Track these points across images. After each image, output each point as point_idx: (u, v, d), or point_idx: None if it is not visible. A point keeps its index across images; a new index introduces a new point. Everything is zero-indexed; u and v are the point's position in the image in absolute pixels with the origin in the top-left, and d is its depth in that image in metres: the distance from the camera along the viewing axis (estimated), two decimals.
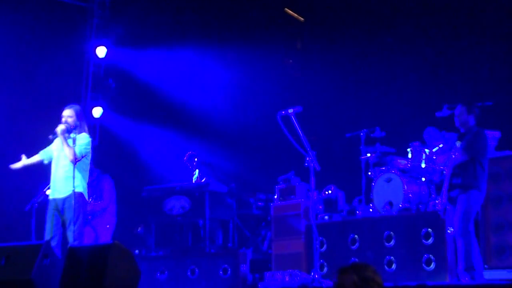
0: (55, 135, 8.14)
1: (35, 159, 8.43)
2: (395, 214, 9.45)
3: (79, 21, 12.91)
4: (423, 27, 11.93)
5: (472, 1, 11.19)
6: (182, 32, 13.40)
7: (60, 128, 8.10)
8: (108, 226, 10.11)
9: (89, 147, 8.26)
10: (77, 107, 8.47)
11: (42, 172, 8.59)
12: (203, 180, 11.44)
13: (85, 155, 8.17)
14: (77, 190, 7.96)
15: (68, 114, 8.26)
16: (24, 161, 8.42)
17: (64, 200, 8.02)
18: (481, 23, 11.09)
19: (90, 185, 8.44)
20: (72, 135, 8.12)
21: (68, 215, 7.95)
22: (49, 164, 8.37)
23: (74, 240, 7.83)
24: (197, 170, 11.72)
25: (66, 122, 8.20)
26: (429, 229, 8.76)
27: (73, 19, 12.75)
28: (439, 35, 11.74)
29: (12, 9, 11.86)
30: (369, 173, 10.09)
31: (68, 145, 8.05)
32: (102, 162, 10.55)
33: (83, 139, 8.18)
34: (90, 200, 9.95)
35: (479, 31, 11.11)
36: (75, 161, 8.00)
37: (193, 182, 11.57)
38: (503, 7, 10.82)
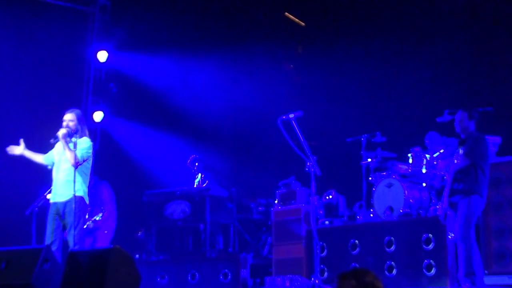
0: (56, 139, 8.13)
1: (37, 158, 8.35)
2: (395, 219, 9.44)
3: (80, 26, 12.93)
4: (424, 32, 11.94)
5: (473, 6, 11.19)
6: (183, 37, 13.40)
7: (61, 132, 8.08)
8: (106, 231, 10.08)
9: (91, 151, 8.24)
10: (78, 111, 8.44)
11: (43, 176, 8.59)
12: (205, 185, 11.44)
13: (86, 159, 8.17)
14: (77, 194, 7.95)
15: (69, 118, 8.24)
16: (23, 149, 8.29)
17: (65, 204, 8.00)
18: (482, 28, 11.10)
19: (88, 192, 8.39)
20: (73, 139, 8.10)
21: (69, 219, 7.93)
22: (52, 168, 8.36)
23: (75, 244, 7.81)
24: (199, 174, 11.72)
25: (67, 126, 8.17)
26: (429, 235, 8.74)
27: (74, 23, 12.76)
28: (440, 40, 11.74)
29: (13, 13, 11.87)
30: (370, 178, 10.10)
31: (70, 149, 8.03)
32: (102, 166, 10.55)
33: (85, 143, 8.17)
34: (100, 217, 9.95)
35: (480, 36, 11.12)
36: (77, 165, 8.00)
37: (195, 186, 11.56)
38: (504, 13, 10.83)
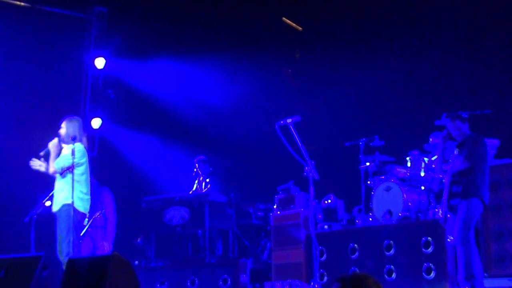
0: (47, 150, 8.20)
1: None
2: (394, 223, 9.43)
3: (77, 32, 12.93)
4: (422, 36, 11.95)
5: (471, 10, 11.20)
6: (180, 43, 13.41)
7: (52, 143, 8.17)
8: (107, 238, 10.06)
9: (78, 158, 8.13)
10: (78, 118, 8.49)
11: (42, 183, 8.59)
12: (205, 189, 11.41)
13: (69, 167, 8.10)
14: (66, 202, 7.95)
15: (63, 126, 8.30)
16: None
17: (56, 213, 8.06)
18: (480, 32, 11.11)
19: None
20: (64, 145, 8.21)
21: (59, 229, 7.96)
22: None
23: (67, 253, 7.73)
24: (202, 177, 11.68)
25: (60, 134, 8.25)
26: (429, 238, 8.74)
27: (71, 30, 12.77)
28: (438, 43, 11.75)
29: (11, 21, 11.88)
30: (369, 182, 10.10)
31: (53, 159, 8.10)
32: (101, 173, 10.54)
33: (66, 150, 8.19)
34: (98, 214, 9.93)
35: (478, 40, 11.13)
36: (61, 173, 8.04)
37: (195, 188, 11.53)
38: (503, 16, 10.84)
